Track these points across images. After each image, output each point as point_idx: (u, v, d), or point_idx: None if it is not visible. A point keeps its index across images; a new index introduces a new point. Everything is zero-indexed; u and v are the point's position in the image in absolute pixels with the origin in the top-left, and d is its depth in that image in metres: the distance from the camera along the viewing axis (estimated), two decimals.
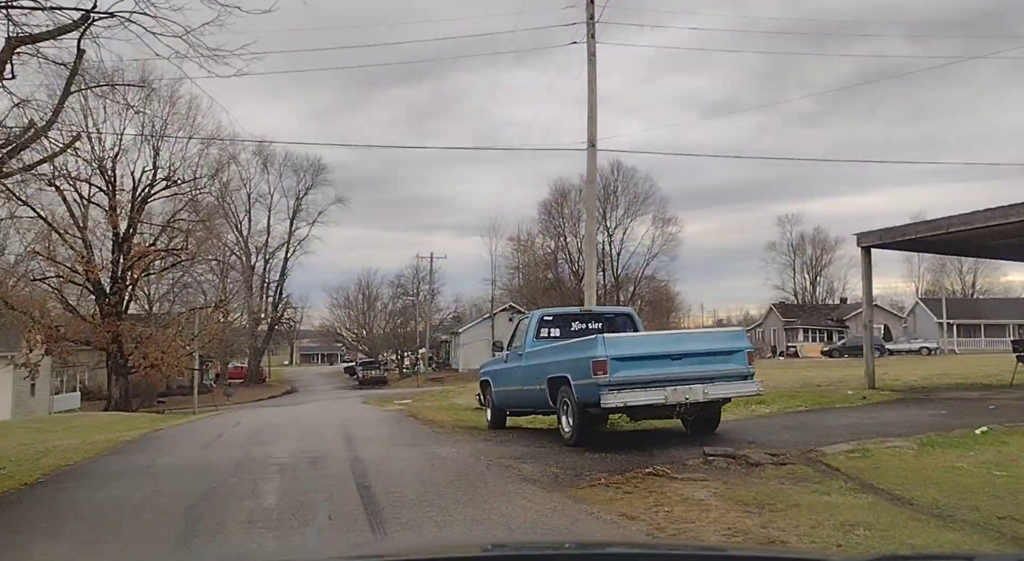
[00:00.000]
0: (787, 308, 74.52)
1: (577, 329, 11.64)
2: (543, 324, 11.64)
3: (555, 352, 10.41)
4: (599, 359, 9.04)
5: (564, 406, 10.04)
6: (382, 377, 70.15)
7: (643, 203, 68.22)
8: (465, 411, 19.09)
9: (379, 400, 46.35)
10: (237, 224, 73.40)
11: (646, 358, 9.21)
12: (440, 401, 26.37)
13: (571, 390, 9.62)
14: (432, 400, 31.15)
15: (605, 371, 9.00)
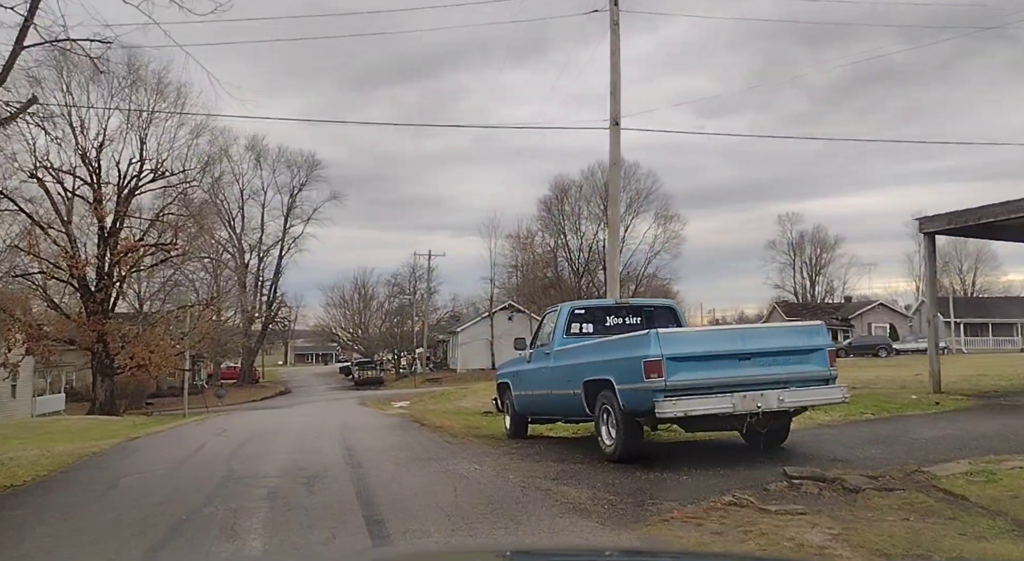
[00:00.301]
0: (791, 307, 73.08)
1: (613, 324, 10.13)
2: (574, 318, 10.10)
3: (593, 351, 8.88)
4: (652, 359, 7.52)
5: (605, 415, 8.52)
6: (378, 377, 68.57)
7: (645, 200, 66.80)
8: (474, 415, 17.54)
9: (377, 402, 44.82)
10: (230, 221, 71.77)
11: (709, 358, 7.69)
12: (443, 404, 24.83)
13: (615, 396, 8.10)
14: (434, 402, 29.60)
15: (660, 373, 7.48)
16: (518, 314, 67.09)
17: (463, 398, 25.48)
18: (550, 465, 8.37)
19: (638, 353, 7.72)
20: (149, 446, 11.93)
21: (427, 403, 31.66)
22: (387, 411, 21.60)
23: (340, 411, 25.73)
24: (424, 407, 23.93)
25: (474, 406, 21.21)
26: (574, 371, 9.15)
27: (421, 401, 40.12)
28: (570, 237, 71.80)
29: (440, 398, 31.77)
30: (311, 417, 20.74)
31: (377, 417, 18.19)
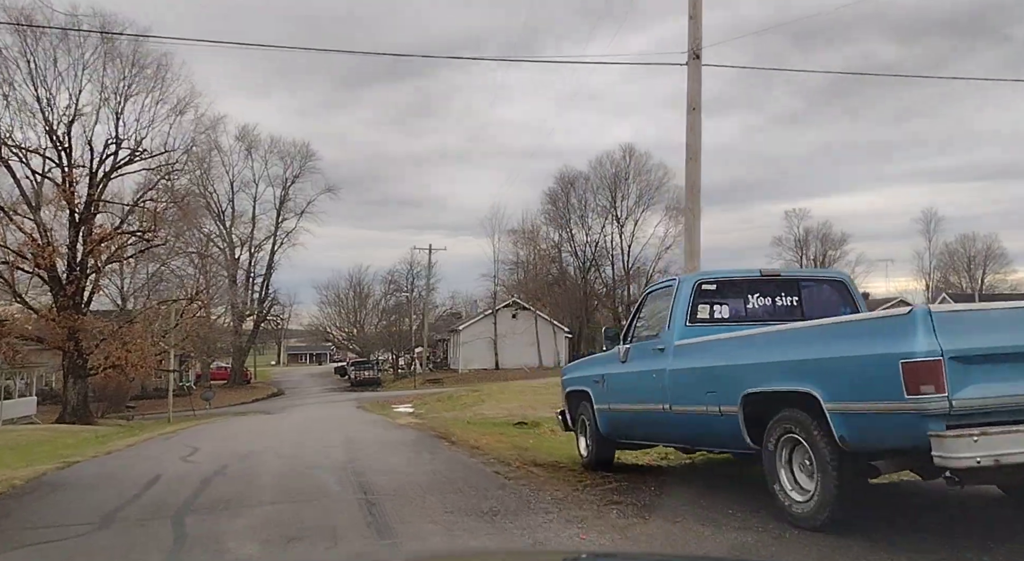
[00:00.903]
0: None
1: (760, 306, 6.82)
2: (702, 297, 6.73)
3: (767, 345, 5.54)
4: (923, 359, 4.21)
5: (789, 451, 5.22)
6: (376, 378, 65.21)
7: (657, 191, 63.47)
8: (507, 428, 14.26)
9: (378, 405, 41.46)
10: (219, 214, 68.29)
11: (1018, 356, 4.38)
12: (459, 410, 21.51)
13: (819, 423, 4.81)
14: (444, 407, 26.27)
15: (939, 385, 4.17)
16: (523, 311, 63.82)
17: (481, 403, 22.17)
18: (714, 534, 5.02)
19: (888, 347, 4.41)
20: (79, 480, 8.51)
21: (435, 407, 28.35)
22: (396, 420, 18.28)
23: (339, 418, 22.43)
24: (436, 414, 20.59)
25: (499, 414, 17.91)
26: (721, 378, 5.84)
27: (426, 404, 36.79)
28: (576, 231, 68.56)
29: (450, 402, 28.46)
30: (307, 427, 17.42)
31: (388, 429, 14.86)
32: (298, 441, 13.35)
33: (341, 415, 25.45)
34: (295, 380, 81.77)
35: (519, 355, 62.29)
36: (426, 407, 34.59)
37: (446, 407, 25.79)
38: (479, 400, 23.65)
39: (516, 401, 21.35)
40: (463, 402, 24.92)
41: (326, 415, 26.28)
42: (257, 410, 43.06)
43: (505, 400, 22.20)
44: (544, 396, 22.49)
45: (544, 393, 23.54)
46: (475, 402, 23.36)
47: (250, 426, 16.76)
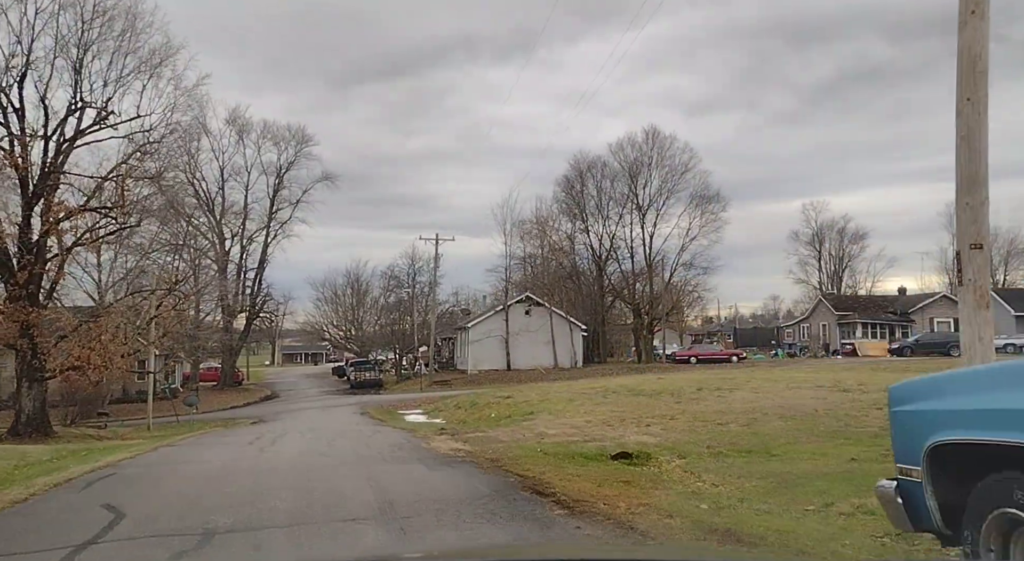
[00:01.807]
0: (839, 300, 65.22)
1: None
2: None
3: None
4: None
5: None
6: (378, 380, 60.34)
7: (681, 178, 58.59)
8: (604, 462, 9.43)
9: (384, 411, 36.51)
10: (208, 203, 63.25)
11: None
12: (502, 424, 16.59)
13: None
14: (475, 418, 21.37)
15: None
16: (536, 307, 58.98)
17: (530, 417, 17.23)
18: None
19: None
20: None
21: (463, 418, 23.43)
22: (429, 441, 13.32)
23: (345, 430, 17.56)
24: (479, 432, 15.65)
25: (569, 436, 13.05)
26: None
27: (441, 410, 31.82)
28: (592, 222, 63.66)
29: (477, 411, 23.54)
30: (305, 452, 12.52)
31: (430, 465, 9.92)
32: (292, 480, 8.51)
33: (347, 428, 20.53)
34: (290, 381, 76.72)
35: (533, 354, 57.45)
36: (443, 414, 29.67)
37: (478, 418, 20.87)
38: (524, 411, 18.70)
39: (578, 413, 16.47)
40: (501, 413, 19.98)
41: (329, 428, 21.35)
42: (247, 417, 38.21)
43: (560, 411, 17.31)
44: (609, 406, 17.61)
45: (605, 401, 18.67)
46: (519, 414, 18.41)
47: (227, 458, 11.84)
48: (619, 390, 22.13)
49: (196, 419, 39.69)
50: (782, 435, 10.95)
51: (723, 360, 55.61)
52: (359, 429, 19.46)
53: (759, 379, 22.96)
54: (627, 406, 17.26)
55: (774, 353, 63.41)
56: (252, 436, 18.59)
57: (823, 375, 24.46)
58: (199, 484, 8.88)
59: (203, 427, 34.91)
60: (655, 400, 18.41)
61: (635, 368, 54.10)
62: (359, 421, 27.91)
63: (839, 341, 62.30)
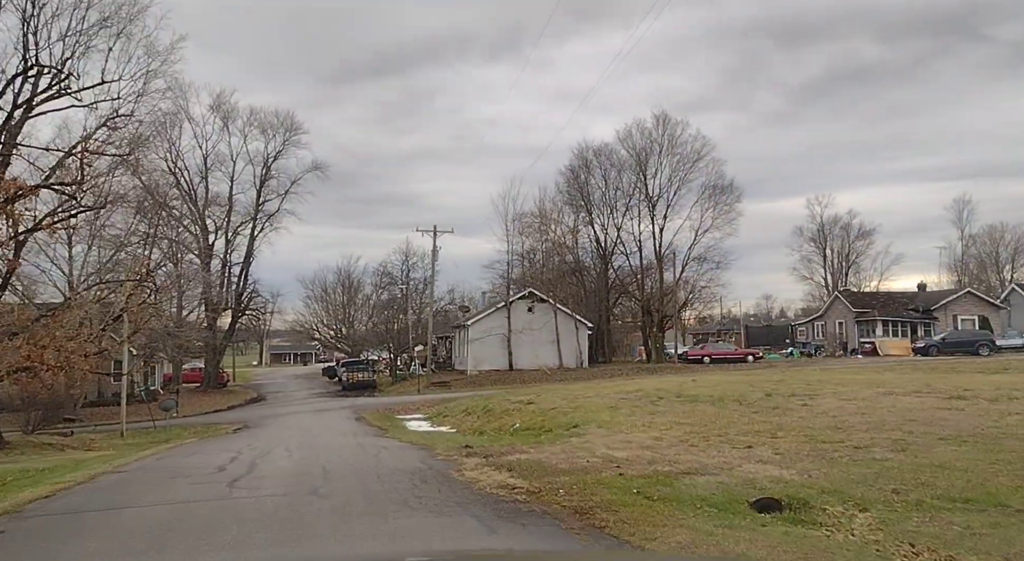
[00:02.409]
0: (856, 297, 62.10)
1: None
2: None
3: None
4: None
5: None
6: (372, 381, 56.82)
7: (693, 166, 55.25)
8: (744, 515, 6.08)
9: (382, 416, 33.01)
10: (190, 193, 59.48)
11: None
12: (542, 440, 13.20)
13: None
14: (493, 429, 17.99)
15: None
16: (540, 304, 55.58)
17: (574, 430, 13.81)
18: None
19: None
20: None
21: (477, 425, 20.04)
22: (462, 467, 9.89)
23: (344, 451, 14.14)
24: (505, 448, 12.26)
25: (640, 459, 9.68)
26: None
27: (447, 416, 28.43)
28: (596, 214, 60.27)
29: (493, 419, 20.16)
30: (291, 494, 9.03)
31: (484, 518, 6.55)
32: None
33: (344, 441, 17.10)
34: (278, 382, 73.01)
35: (536, 354, 54.10)
36: (451, 421, 26.27)
37: (498, 428, 17.46)
38: (562, 422, 15.23)
39: (637, 427, 13.09)
40: (529, 422, 16.54)
41: (323, 440, 17.89)
42: (230, 422, 34.72)
43: (611, 422, 13.93)
44: (671, 417, 14.27)
45: (659, 410, 15.34)
46: (558, 426, 14.93)
47: (184, 498, 8.37)
48: (664, 395, 18.78)
49: (175, 424, 36.14)
50: (978, 469, 7.60)
51: (738, 360, 52.46)
52: (359, 443, 15.99)
53: (829, 382, 19.65)
54: (694, 417, 13.90)
55: (788, 352, 60.26)
56: (229, 453, 15.14)
57: (891, 377, 21.19)
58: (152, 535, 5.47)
59: (180, 435, 31.37)
60: (722, 409, 15.05)
61: (647, 369, 50.80)
62: (356, 430, 24.44)
63: (857, 339, 59.23)
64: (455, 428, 23.29)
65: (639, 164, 56.15)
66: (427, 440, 16.02)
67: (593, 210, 59.26)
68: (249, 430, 30.30)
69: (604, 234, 60.44)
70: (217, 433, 29.85)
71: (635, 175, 56.66)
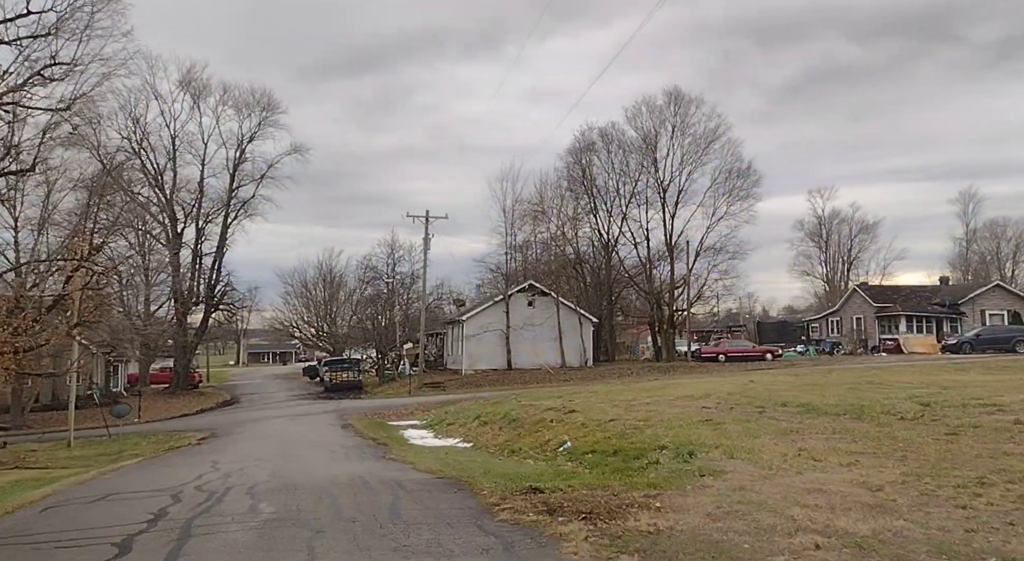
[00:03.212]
0: (877, 291, 58.06)
1: None
2: None
3: None
4: None
5: None
6: (357, 381, 51.96)
7: (708, 147, 50.82)
8: None
9: (371, 422, 28.08)
10: (157, 176, 54.23)
11: None
12: (636, 475, 8.66)
13: None
14: (531, 446, 13.43)
15: None
16: (541, 298, 51.01)
17: (712, 460, 9.22)
18: None
19: None
20: None
21: (503, 439, 15.55)
22: (560, 543, 5.20)
23: (340, 487, 9.56)
24: (561, 478, 7.71)
25: (893, 533, 5.09)
26: None
27: (455, 425, 23.79)
28: (600, 201, 55.73)
29: (526, 433, 15.61)
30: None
31: None
32: None
33: (338, 468, 12.50)
34: (255, 383, 67.86)
35: (536, 352, 49.52)
36: (461, 431, 21.66)
37: (538, 445, 12.95)
38: (648, 443, 10.63)
39: (800, 462, 8.54)
40: (586, 438, 11.92)
41: (307, 466, 13.23)
42: (197, 429, 29.90)
43: (748, 450, 9.38)
44: (821, 439, 9.77)
45: (800, 429, 10.85)
46: (642, 452, 10.35)
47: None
48: (750, 401, 14.29)
49: (134, 432, 31.24)
50: None
51: (756, 358, 48.24)
52: (357, 475, 11.32)
53: (965, 385, 15.24)
54: (867, 443, 9.37)
55: (803, 350, 56.09)
56: (177, 483, 10.47)
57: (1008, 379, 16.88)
58: None
59: (137, 444, 26.52)
60: (887, 428, 10.53)
61: (659, 368, 46.41)
62: (346, 444, 19.75)
63: (878, 336, 55.23)
64: (470, 442, 18.66)
65: (648, 146, 51.76)
66: (454, 467, 11.38)
67: (596, 197, 54.76)
68: (218, 439, 25.65)
69: (608, 223, 55.96)
70: (179, 443, 25.19)
71: (644, 158, 52.25)
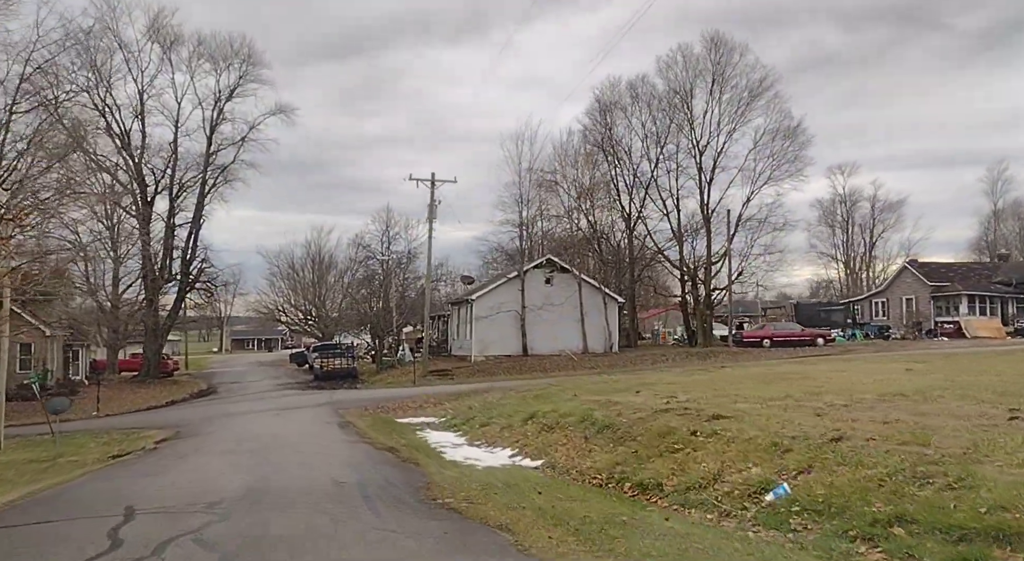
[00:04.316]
0: (931, 269, 52.26)
1: None
2: None
3: None
4: None
5: None
6: (351, 369, 45.76)
7: (752, 103, 44.57)
8: None
9: (376, 418, 21.42)
10: (124, 137, 47.49)
11: None
12: None
13: None
14: (656, 475, 7.41)
15: None
16: (561, 274, 44.89)
17: None
18: None
19: None
20: None
21: (609, 465, 9.64)
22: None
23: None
24: None
25: None
26: None
27: (490, 426, 17.38)
28: (624, 167, 49.54)
29: (644, 457, 9.91)
30: None
31: None
32: None
33: (349, 507, 6.05)
34: (237, 371, 61.44)
35: (554, 335, 43.41)
36: (508, 437, 15.51)
37: (667, 478, 6.62)
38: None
39: None
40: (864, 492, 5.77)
41: (285, 516, 6.96)
42: (162, 426, 23.95)
43: None
44: None
45: None
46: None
47: None
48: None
49: (84, 429, 24.99)
50: None
51: (805, 343, 42.42)
52: (387, 532, 5.10)
53: None
54: None
55: (850, 334, 50.23)
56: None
57: None
58: None
59: (81, 448, 20.15)
60: None
61: (699, 354, 40.45)
62: (354, 457, 13.54)
63: (933, 319, 49.50)
64: (537, 458, 12.52)
65: (683, 102, 45.48)
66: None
67: (620, 161, 48.53)
68: (177, 445, 19.47)
69: (630, 193, 49.74)
70: (132, 446, 19.22)
71: (677, 116, 45.99)
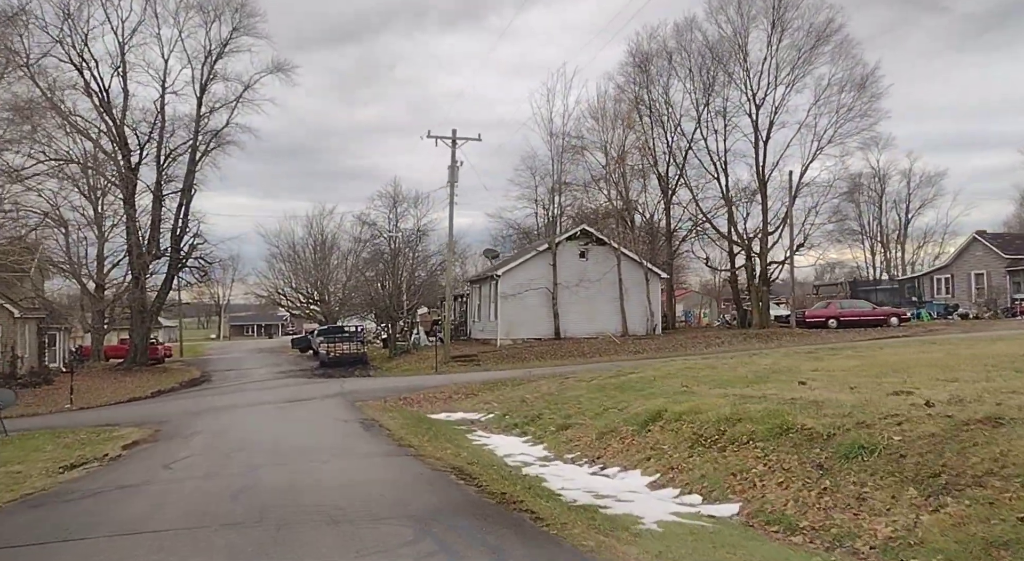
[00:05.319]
0: (1004, 240, 47.00)
1: None
2: None
3: None
4: None
5: None
6: (361, 354, 40.71)
7: (815, 48, 39.01)
8: None
9: (406, 414, 14.94)
10: (103, 96, 42.04)
11: None
12: None
13: None
14: None
15: None
16: (597, 247, 39.69)
17: None
18: None
19: None
20: None
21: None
22: None
23: None
24: None
25: None
26: None
27: (603, 438, 12.03)
28: (663, 129, 44.16)
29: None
30: None
31: None
32: None
33: None
34: (234, 357, 56.31)
35: (590, 316, 38.31)
36: (622, 448, 11.27)
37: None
38: None
39: None
40: None
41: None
42: (140, 422, 19.45)
43: None
44: None
45: None
46: None
47: None
48: None
49: (44, 426, 20.06)
50: None
51: (878, 322, 37.30)
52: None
53: None
54: None
55: (916, 313, 44.97)
56: None
57: None
58: None
59: (36, 450, 14.92)
60: None
61: (758, 335, 35.35)
62: (408, 489, 8.26)
63: (1010, 296, 44.29)
64: (719, 498, 7.32)
65: (738, 47, 39.98)
66: None
67: (662, 118, 43.13)
68: (156, 448, 14.69)
69: (669, 154, 44.40)
70: (96, 450, 14.58)
71: (730, 65, 40.51)
